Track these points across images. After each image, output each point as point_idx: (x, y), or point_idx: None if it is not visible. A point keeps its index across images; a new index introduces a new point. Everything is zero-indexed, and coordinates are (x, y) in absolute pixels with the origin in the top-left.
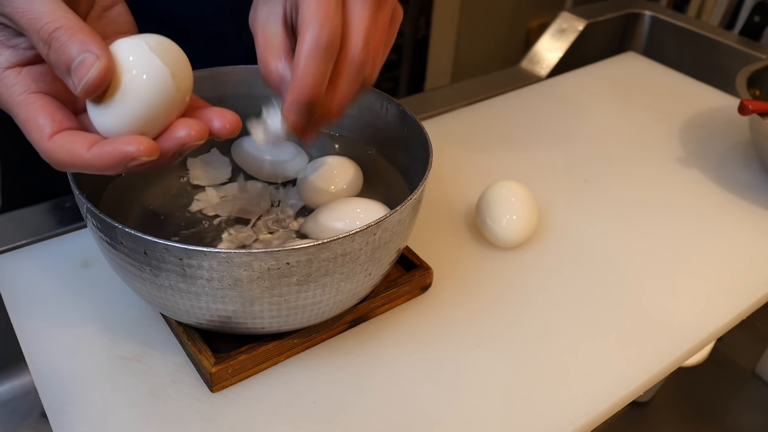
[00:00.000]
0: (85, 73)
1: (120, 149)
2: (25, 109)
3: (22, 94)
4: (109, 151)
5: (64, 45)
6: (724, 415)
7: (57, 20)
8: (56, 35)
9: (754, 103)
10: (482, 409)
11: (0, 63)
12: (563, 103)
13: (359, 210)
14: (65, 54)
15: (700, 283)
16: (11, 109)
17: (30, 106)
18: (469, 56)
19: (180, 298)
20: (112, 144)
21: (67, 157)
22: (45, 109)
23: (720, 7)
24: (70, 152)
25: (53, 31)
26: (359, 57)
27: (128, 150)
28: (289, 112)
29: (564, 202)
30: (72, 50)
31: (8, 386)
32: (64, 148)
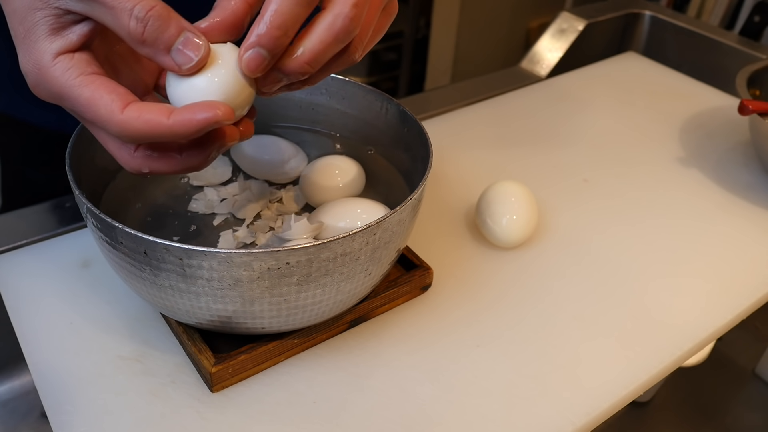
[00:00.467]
0: (195, 52)
1: (203, 113)
2: (86, 89)
3: (79, 76)
4: (190, 116)
5: (164, 24)
6: (724, 415)
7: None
8: (153, 13)
9: (754, 103)
10: (482, 409)
11: (52, 50)
12: (563, 103)
13: (360, 210)
14: (166, 33)
15: (700, 283)
16: (70, 92)
17: (91, 85)
18: (469, 56)
19: (180, 298)
20: (193, 109)
21: (146, 126)
22: (108, 86)
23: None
24: (149, 121)
25: (150, 9)
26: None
27: (210, 114)
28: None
29: (564, 202)
30: (172, 30)
31: (8, 386)
32: (141, 117)
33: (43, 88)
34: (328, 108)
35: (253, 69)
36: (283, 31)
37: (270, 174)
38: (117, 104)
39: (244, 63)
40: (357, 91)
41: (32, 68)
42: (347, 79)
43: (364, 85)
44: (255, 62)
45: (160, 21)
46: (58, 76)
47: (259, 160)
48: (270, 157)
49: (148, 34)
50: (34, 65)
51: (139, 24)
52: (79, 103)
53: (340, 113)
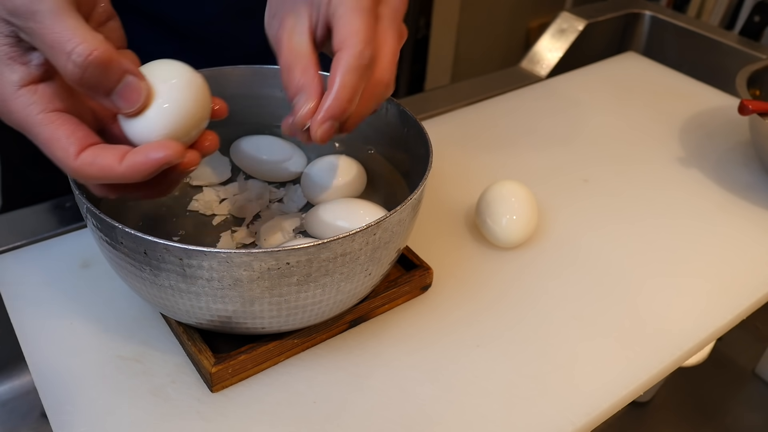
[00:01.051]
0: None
1: (153, 156)
2: (45, 128)
3: (40, 113)
4: (142, 160)
5: (104, 69)
6: (724, 415)
7: (89, 42)
8: (93, 60)
9: (754, 103)
10: (482, 409)
11: (14, 81)
12: (563, 103)
13: (353, 210)
14: (107, 79)
15: (700, 283)
16: (30, 129)
17: (50, 125)
18: (469, 56)
19: (180, 298)
20: (143, 152)
21: (100, 172)
22: (66, 128)
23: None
24: (102, 167)
25: (88, 54)
26: (388, 77)
27: (160, 155)
28: (321, 124)
29: (564, 202)
30: (113, 75)
31: (8, 386)
32: (95, 164)
33: (7, 118)
34: None
35: (326, 139)
36: (351, 104)
37: (269, 174)
38: (73, 149)
39: (318, 135)
40: None
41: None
42: None
43: None
44: (328, 133)
45: (101, 67)
46: (20, 110)
47: (259, 160)
48: (269, 157)
49: (87, 80)
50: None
51: (77, 69)
52: (38, 141)
53: None
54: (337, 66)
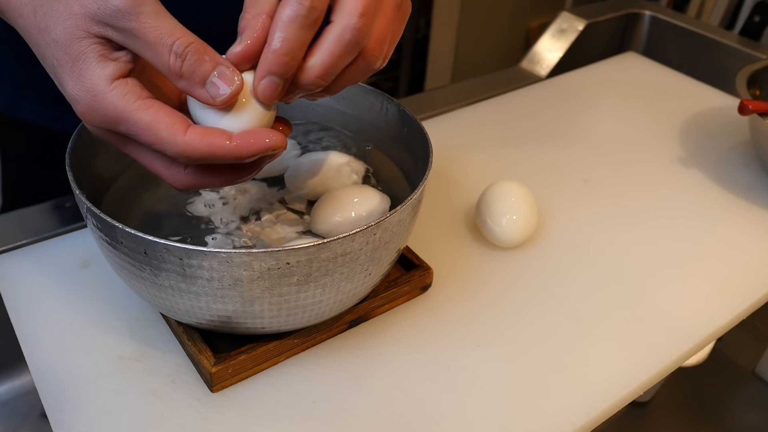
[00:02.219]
0: (228, 85)
1: (262, 140)
2: (146, 112)
3: (137, 100)
4: (252, 141)
5: (200, 59)
6: (724, 415)
7: (187, 36)
8: (191, 49)
9: (754, 103)
10: (482, 409)
11: (107, 75)
12: (563, 104)
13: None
14: (202, 68)
15: (701, 283)
16: (129, 116)
17: (150, 109)
18: (469, 56)
19: (180, 298)
20: (255, 135)
21: (209, 148)
22: (166, 110)
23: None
24: (212, 144)
25: (188, 45)
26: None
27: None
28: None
29: (564, 202)
30: (207, 65)
31: (8, 386)
32: (204, 140)
33: (98, 114)
34: (328, 108)
35: (269, 96)
36: (290, 57)
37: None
38: (179, 126)
39: (259, 92)
40: (357, 91)
41: (86, 95)
42: None
43: (364, 85)
44: (269, 89)
45: (197, 56)
46: (116, 101)
47: None
48: None
49: (186, 69)
50: (88, 92)
51: (178, 59)
52: (138, 127)
53: (340, 113)
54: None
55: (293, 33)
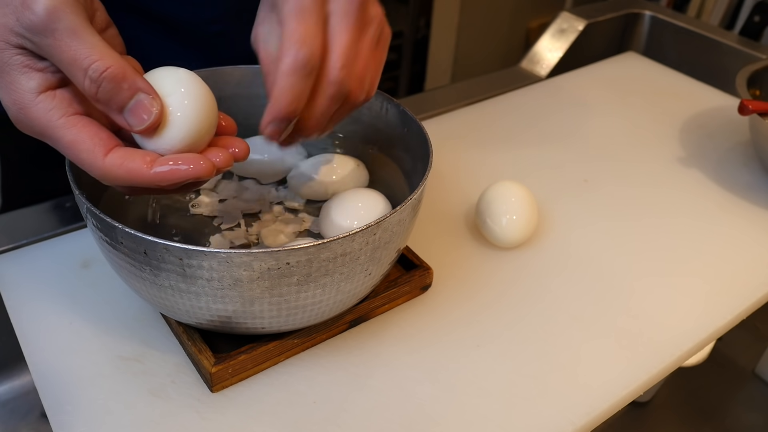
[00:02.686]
0: (146, 115)
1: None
2: (68, 131)
3: (62, 117)
4: (172, 168)
5: (117, 86)
6: (724, 416)
7: (105, 58)
8: (107, 75)
9: (754, 103)
10: (482, 409)
11: (32, 88)
12: (563, 103)
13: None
14: (119, 96)
15: (701, 283)
16: (52, 133)
17: (74, 128)
18: (469, 56)
19: (180, 298)
20: (175, 161)
21: (128, 175)
22: (89, 130)
23: (720, 7)
24: (130, 170)
25: (104, 70)
26: (337, 75)
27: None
28: (266, 125)
29: (564, 202)
30: (125, 92)
31: (8, 386)
32: (123, 166)
33: (25, 125)
34: None
35: (275, 138)
36: (293, 107)
37: (264, 173)
38: (99, 150)
39: (267, 133)
40: None
41: (13, 106)
42: None
43: None
44: (276, 133)
45: (114, 83)
46: (41, 116)
47: (255, 161)
48: (260, 157)
49: (101, 96)
50: (14, 103)
51: (93, 84)
52: (61, 145)
53: None
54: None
55: (292, 84)
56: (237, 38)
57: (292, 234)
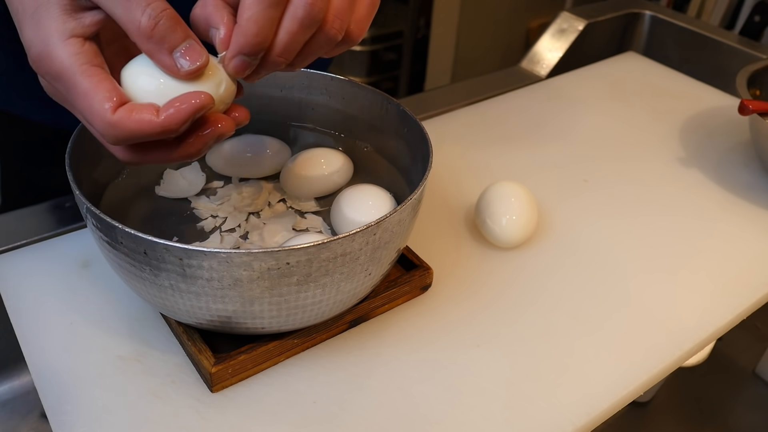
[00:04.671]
0: (197, 58)
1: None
2: (88, 79)
3: (85, 63)
4: (178, 106)
5: (173, 27)
6: (724, 416)
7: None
8: (166, 14)
9: (754, 103)
10: (482, 408)
11: (65, 29)
12: (563, 103)
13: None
14: (173, 35)
15: (701, 283)
16: (71, 77)
17: (94, 77)
18: (469, 56)
19: (180, 298)
20: (179, 100)
21: (136, 125)
22: (109, 83)
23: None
24: (140, 120)
25: (164, 9)
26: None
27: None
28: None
29: (564, 202)
30: (179, 34)
31: (8, 386)
32: (132, 117)
33: (45, 64)
34: (328, 108)
35: (241, 73)
36: (261, 37)
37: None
38: (112, 103)
39: (231, 69)
40: (357, 91)
41: (39, 42)
42: (347, 79)
43: (364, 85)
44: (241, 68)
45: (171, 22)
46: (65, 58)
47: (244, 159)
48: (251, 154)
49: (157, 32)
50: (42, 40)
51: (151, 20)
52: (76, 91)
53: (340, 113)
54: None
55: (261, 14)
56: None
57: (292, 232)
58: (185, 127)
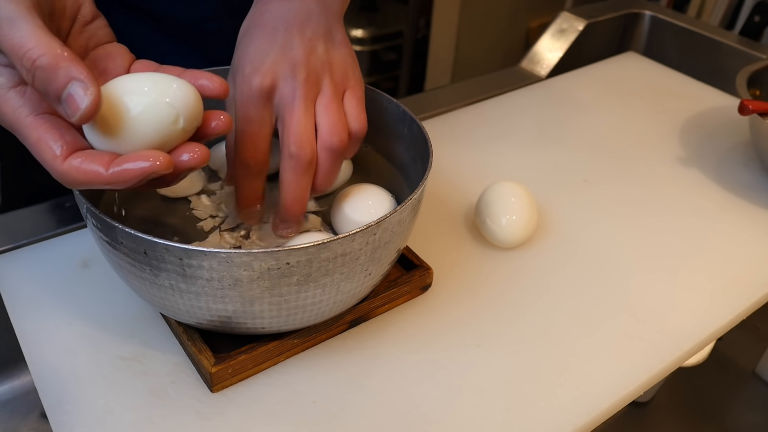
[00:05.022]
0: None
1: (140, 165)
2: (34, 131)
3: (29, 116)
4: (130, 167)
5: (50, 75)
6: (724, 416)
7: (39, 47)
8: (40, 63)
9: (754, 103)
10: (482, 408)
11: (2, 83)
12: (563, 104)
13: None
14: (53, 84)
15: (701, 283)
16: (19, 130)
17: (39, 129)
18: (469, 56)
19: (180, 298)
20: (131, 160)
21: (85, 177)
22: (55, 132)
23: (720, 7)
24: (88, 173)
25: (36, 59)
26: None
27: (147, 165)
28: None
29: (564, 201)
30: (59, 80)
31: (8, 386)
32: (81, 169)
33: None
34: None
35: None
36: (300, 205)
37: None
38: (60, 152)
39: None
40: None
41: None
42: None
43: (363, 85)
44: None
45: (47, 72)
46: (10, 112)
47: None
48: None
49: (37, 84)
50: None
51: (28, 73)
52: (27, 143)
53: None
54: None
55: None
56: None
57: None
58: (137, 185)
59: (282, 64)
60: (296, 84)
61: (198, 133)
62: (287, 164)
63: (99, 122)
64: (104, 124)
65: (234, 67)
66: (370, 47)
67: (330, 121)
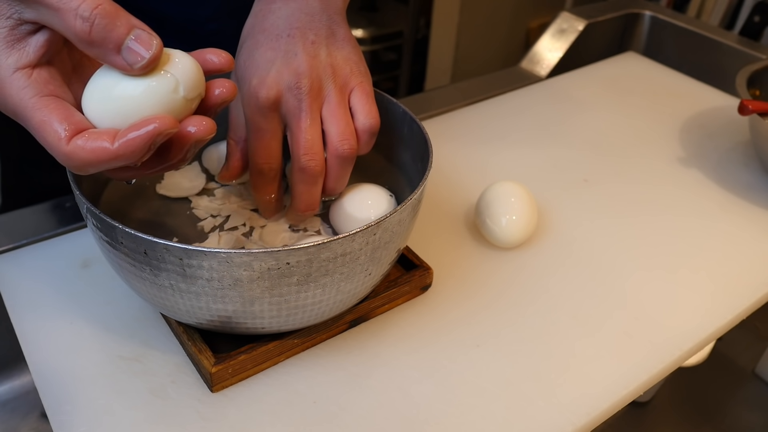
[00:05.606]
0: (146, 50)
1: (146, 130)
2: (38, 112)
3: (34, 97)
4: (136, 135)
5: (111, 22)
6: (724, 415)
7: None
8: (99, 11)
9: (754, 103)
10: (482, 408)
11: (9, 64)
12: (563, 104)
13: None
14: (114, 32)
15: (701, 283)
16: (23, 113)
17: (44, 109)
18: (469, 56)
19: (180, 298)
20: (134, 128)
21: (92, 155)
22: (60, 113)
23: (720, 7)
24: (95, 150)
25: (96, 6)
26: (298, 165)
27: (153, 128)
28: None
29: (564, 202)
30: (121, 28)
31: (8, 386)
32: (86, 147)
33: (2, 103)
34: None
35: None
36: (312, 210)
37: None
38: (65, 133)
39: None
40: None
41: None
42: None
43: None
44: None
45: (107, 19)
46: (14, 93)
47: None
48: None
49: (96, 34)
50: None
51: (85, 23)
52: (31, 125)
53: None
54: (291, 177)
55: (307, 191)
56: (233, 37)
57: (292, 232)
58: (146, 154)
59: (286, 74)
60: (301, 94)
61: (203, 104)
62: (298, 177)
63: (100, 98)
64: (106, 99)
65: (239, 73)
66: (370, 47)
67: (338, 129)
